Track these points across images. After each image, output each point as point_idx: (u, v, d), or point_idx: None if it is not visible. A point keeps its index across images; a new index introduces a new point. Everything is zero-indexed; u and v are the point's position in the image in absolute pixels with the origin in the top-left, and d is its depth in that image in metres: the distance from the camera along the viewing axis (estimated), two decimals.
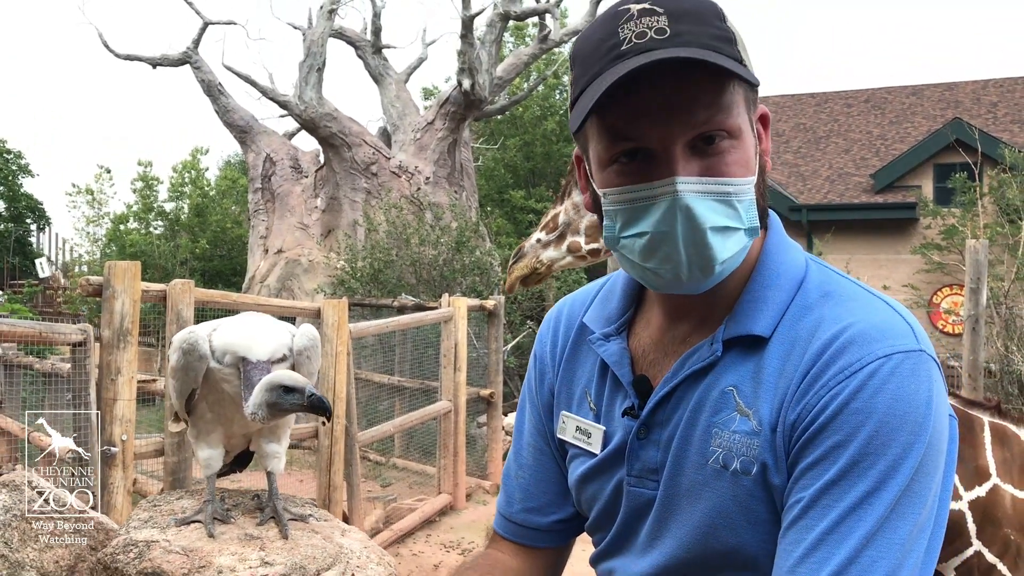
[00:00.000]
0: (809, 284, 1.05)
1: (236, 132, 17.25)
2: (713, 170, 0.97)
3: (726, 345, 1.03)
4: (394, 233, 13.12)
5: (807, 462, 0.93)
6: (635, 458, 1.09)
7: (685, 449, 1.04)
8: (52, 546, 1.99)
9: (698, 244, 0.96)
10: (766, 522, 0.98)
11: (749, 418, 0.99)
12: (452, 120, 15.83)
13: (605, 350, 1.16)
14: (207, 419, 1.90)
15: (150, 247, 22.91)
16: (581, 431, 1.18)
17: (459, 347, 8.45)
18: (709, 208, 0.96)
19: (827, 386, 0.93)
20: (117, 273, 4.94)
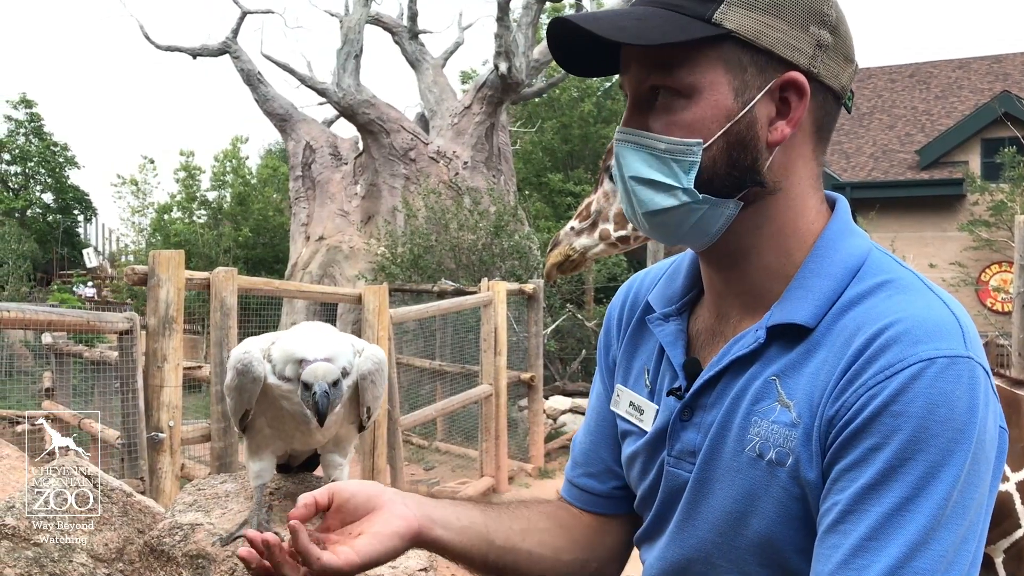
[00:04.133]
0: (865, 274, 1.00)
1: (276, 120, 17.40)
2: (648, 125, 1.01)
3: (770, 333, 1.01)
4: (433, 218, 13.16)
5: (844, 464, 0.91)
6: (676, 439, 1.09)
7: (724, 435, 1.02)
8: (101, 529, 2.04)
9: (627, 191, 1.04)
10: (796, 516, 0.97)
11: (789, 409, 0.97)
12: (489, 104, 15.80)
13: (662, 330, 1.15)
14: (265, 435, 1.87)
15: (194, 236, 23.25)
16: (634, 407, 1.17)
17: (499, 331, 8.47)
18: (638, 159, 1.01)
19: (866, 385, 0.90)
20: (161, 262, 5.02)
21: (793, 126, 1.00)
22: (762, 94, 0.98)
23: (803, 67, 0.99)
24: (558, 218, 18.36)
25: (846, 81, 1.03)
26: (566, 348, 12.98)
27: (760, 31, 0.97)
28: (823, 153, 1.07)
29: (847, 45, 1.02)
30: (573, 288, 13.45)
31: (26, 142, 29.99)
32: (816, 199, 1.06)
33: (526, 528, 1.19)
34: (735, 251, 1.05)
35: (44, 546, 1.94)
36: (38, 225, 28.53)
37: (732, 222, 1.03)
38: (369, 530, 1.01)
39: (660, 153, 1.00)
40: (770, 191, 1.02)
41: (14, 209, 27.41)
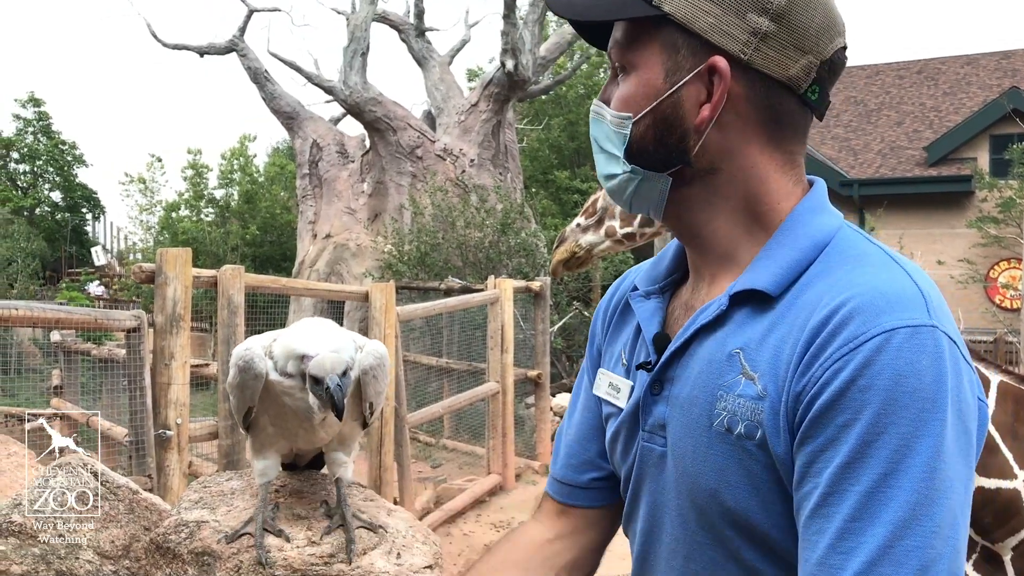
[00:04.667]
0: (832, 249, 1.01)
1: (283, 118, 17.42)
2: (608, 97, 1.09)
3: (733, 300, 1.02)
4: (440, 216, 13.17)
5: (817, 444, 0.90)
6: (648, 413, 1.09)
7: (691, 409, 1.02)
8: (107, 526, 2.05)
9: (595, 157, 1.14)
10: (768, 489, 0.96)
11: (754, 382, 0.96)
12: (496, 101, 15.79)
13: (642, 307, 1.17)
14: (268, 433, 1.87)
15: (201, 234, 23.31)
16: (612, 386, 1.19)
17: (506, 329, 8.47)
18: (597, 128, 1.11)
19: (831, 358, 0.89)
20: (169, 260, 5.03)
21: (713, 110, 1.01)
22: (689, 77, 1.01)
23: (732, 53, 1.00)
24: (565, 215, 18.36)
25: (798, 72, 1.01)
26: (573, 345, 12.98)
27: (694, 15, 1.00)
28: (791, 142, 1.06)
29: (800, 36, 1.00)
30: (580, 285, 13.44)
31: (34, 141, 30.11)
32: (784, 182, 1.06)
33: None
34: (693, 226, 1.09)
35: (51, 543, 1.95)
36: (47, 223, 28.65)
37: (684, 198, 1.07)
38: None
39: (607, 124, 1.08)
40: (707, 171, 1.05)
41: (23, 207, 27.51)
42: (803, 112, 1.05)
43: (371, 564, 1.78)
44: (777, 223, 1.05)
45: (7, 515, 1.97)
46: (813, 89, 1.03)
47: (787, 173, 1.06)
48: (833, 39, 1.02)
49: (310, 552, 1.78)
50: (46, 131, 30.36)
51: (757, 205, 1.05)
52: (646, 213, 1.13)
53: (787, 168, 1.06)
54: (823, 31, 1.01)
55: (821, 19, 1.01)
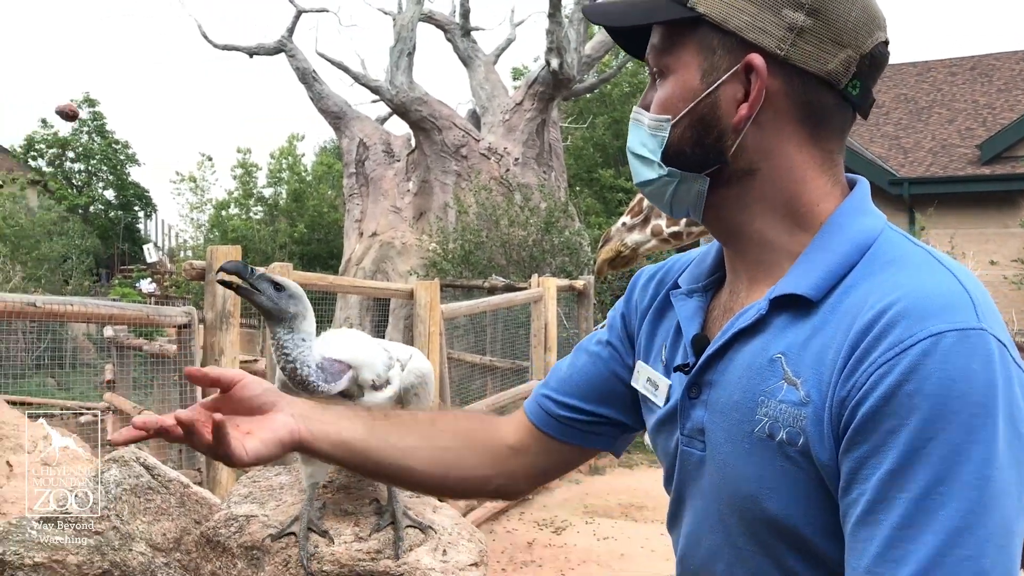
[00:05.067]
0: (876, 252, 0.99)
1: (330, 118, 17.59)
2: (648, 103, 1.09)
3: (773, 305, 1.00)
4: (484, 215, 13.19)
5: (864, 450, 0.88)
6: (686, 417, 1.09)
7: (731, 415, 1.01)
8: (159, 519, 2.10)
9: (631, 163, 1.13)
10: (811, 496, 0.94)
11: (797, 388, 0.95)
12: (541, 100, 15.78)
13: (683, 306, 1.16)
14: None
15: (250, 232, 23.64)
16: (651, 382, 1.18)
17: (549, 327, 8.46)
18: (635, 135, 1.10)
19: (876, 363, 0.87)
20: (219, 257, 5.11)
21: (750, 108, 1.01)
22: (726, 76, 1.01)
23: (769, 50, 0.99)
24: (609, 214, 18.29)
25: (837, 67, 1.00)
26: None
27: (729, 14, 1.00)
28: (830, 140, 1.05)
29: (838, 30, 0.99)
30: (624, 284, 13.36)
31: (89, 140, 30.79)
32: (823, 182, 1.05)
33: (416, 445, 1.24)
34: (732, 227, 1.08)
35: (105, 534, 2.00)
36: (100, 221, 29.27)
37: (722, 199, 1.06)
38: (259, 434, 1.09)
39: (646, 128, 1.08)
40: (745, 171, 1.04)
41: (78, 205, 28.12)
42: (843, 108, 1.03)
43: (417, 561, 1.80)
44: (817, 224, 1.04)
45: (63, 506, 2.02)
46: (854, 84, 1.01)
47: (825, 172, 1.05)
48: (873, 32, 1.01)
49: (357, 548, 1.81)
50: (100, 131, 31.03)
51: (796, 206, 1.04)
52: (686, 215, 1.13)
53: (826, 167, 1.05)
54: (861, 24, 1.00)
55: (859, 12, 1.00)
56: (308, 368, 1.70)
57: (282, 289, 1.69)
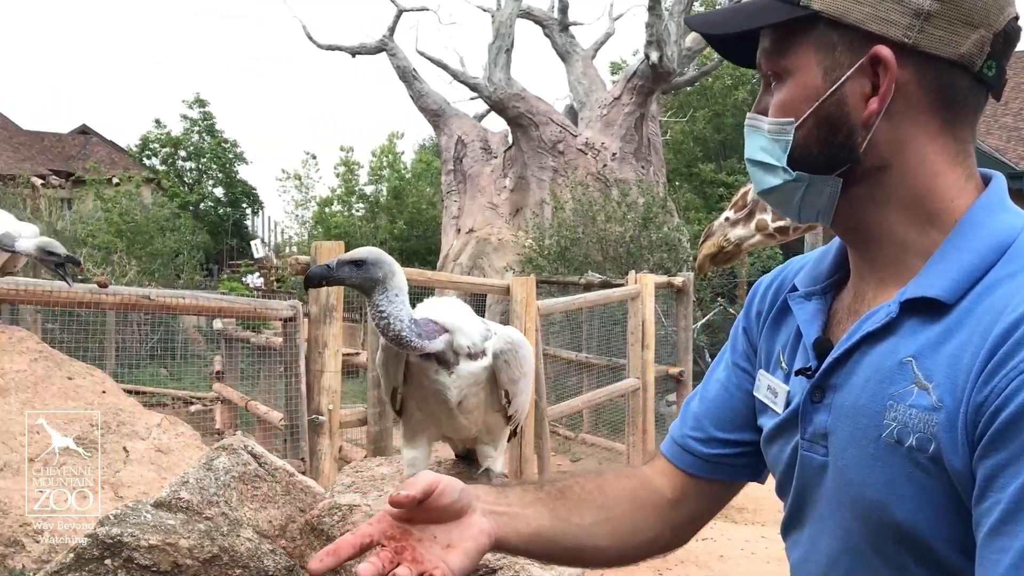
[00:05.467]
0: (1016, 252, 0.94)
1: (429, 116, 17.82)
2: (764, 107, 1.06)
3: (904, 307, 0.96)
4: (580, 211, 13.15)
5: (1000, 458, 0.84)
6: (808, 421, 1.05)
7: (858, 419, 0.98)
8: (266, 507, 2.15)
9: (750, 171, 1.10)
10: (941, 505, 0.91)
11: (928, 392, 0.91)
12: (639, 94, 15.63)
13: (801, 308, 1.13)
14: (416, 418, 1.91)
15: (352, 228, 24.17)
16: (770, 390, 1.16)
17: (647, 325, 8.38)
18: (753, 142, 1.07)
19: (1017, 369, 0.83)
20: (323, 253, 5.23)
21: (881, 102, 0.97)
22: (851, 72, 0.97)
23: (895, 40, 0.95)
24: (709, 210, 17.99)
25: (970, 49, 0.94)
26: (716, 343, 12.70)
27: (847, 8, 0.96)
28: (963, 128, 1.00)
29: (968, 10, 0.94)
30: (724, 281, 13.14)
31: (200, 139, 32.01)
32: (956, 175, 1.00)
33: (596, 520, 1.20)
34: (862, 227, 1.04)
35: (214, 520, 2.06)
36: (210, 218, 30.38)
37: (853, 199, 1.02)
38: (460, 544, 1.04)
39: (766, 134, 1.04)
40: (877, 167, 1.00)
41: (189, 203, 29.26)
42: (976, 91, 0.99)
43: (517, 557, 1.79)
44: (952, 222, 0.99)
45: (176, 491, 2.09)
46: (989, 65, 0.97)
47: (959, 165, 1.00)
48: (1004, 9, 0.96)
49: None
50: (210, 130, 32.21)
51: (930, 202, 1.00)
52: (815, 220, 1.08)
53: (959, 159, 1.00)
54: (991, 1, 0.95)
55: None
56: (401, 323, 1.72)
57: (361, 263, 1.75)
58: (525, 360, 1.90)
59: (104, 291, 4.51)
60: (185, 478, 2.14)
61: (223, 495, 2.11)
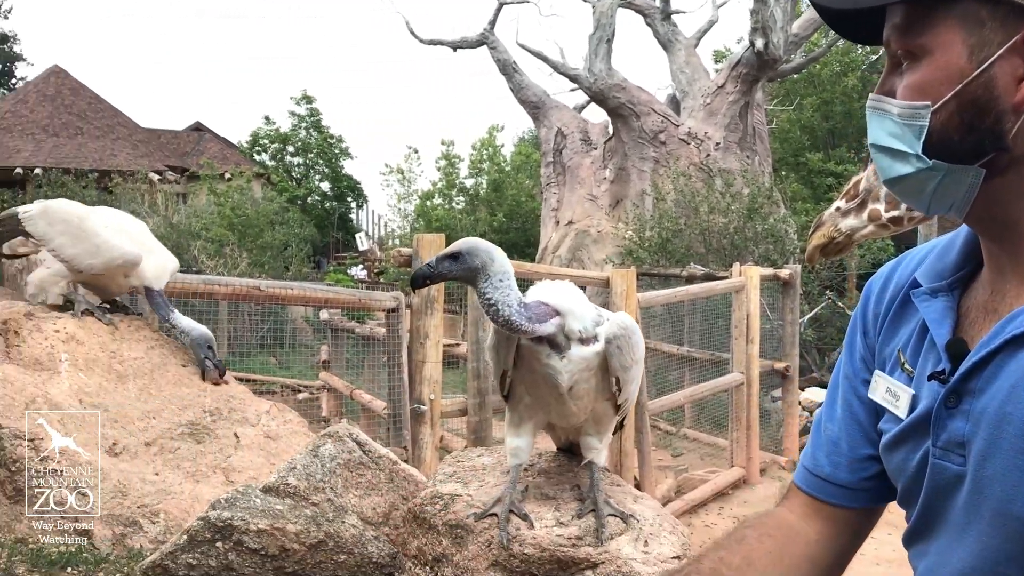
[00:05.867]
0: None
1: (529, 108, 17.84)
2: (893, 90, 0.97)
3: None
4: (683, 202, 12.96)
5: None
6: (941, 428, 0.98)
7: (1001, 427, 0.90)
8: (370, 494, 2.18)
9: (875, 158, 1.01)
10: None
11: None
12: (744, 82, 15.28)
13: (927, 306, 1.05)
14: (525, 403, 1.90)
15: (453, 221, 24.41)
16: (890, 392, 1.08)
17: (751, 318, 8.20)
18: (878, 125, 0.99)
19: None
20: (424, 244, 5.30)
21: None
22: (1002, 51, 0.88)
23: None
24: (817, 200, 17.44)
25: None
26: (824, 337, 12.33)
27: None
28: None
29: None
30: (833, 274, 12.72)
31: (307, 135, 32.88)
32: None
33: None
34: (1004, 220, 0.96)
35: (320, 506, 2.10)
36: (317, 211, 31.18)
37: (996, 190, 0.94)
38: None
39: (895, 118, 0.96)
40: None
41: (297, 197, 30.08)
42: None
43: (618, 550, 1.77)
44: None
45: (284, 477, 2.14)
46: None
47: None
48: None
49: (558, 533, 1.80)
50: (317, 126, 33.05)
51: None
52: (946, 212, 1.00)
53: None
54: None
55: None
56: (509, 308, 1.70)
57: (457, 255, 1.74)
58: (637, 347, 1.86)
59: (217, 282, 4.68)
60: (292, 464, 2.19)
61: (329, 481, 2.15)
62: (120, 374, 3.19)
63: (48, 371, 3.05)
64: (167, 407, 3.18)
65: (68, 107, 27.22)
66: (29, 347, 3.12)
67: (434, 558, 1.90)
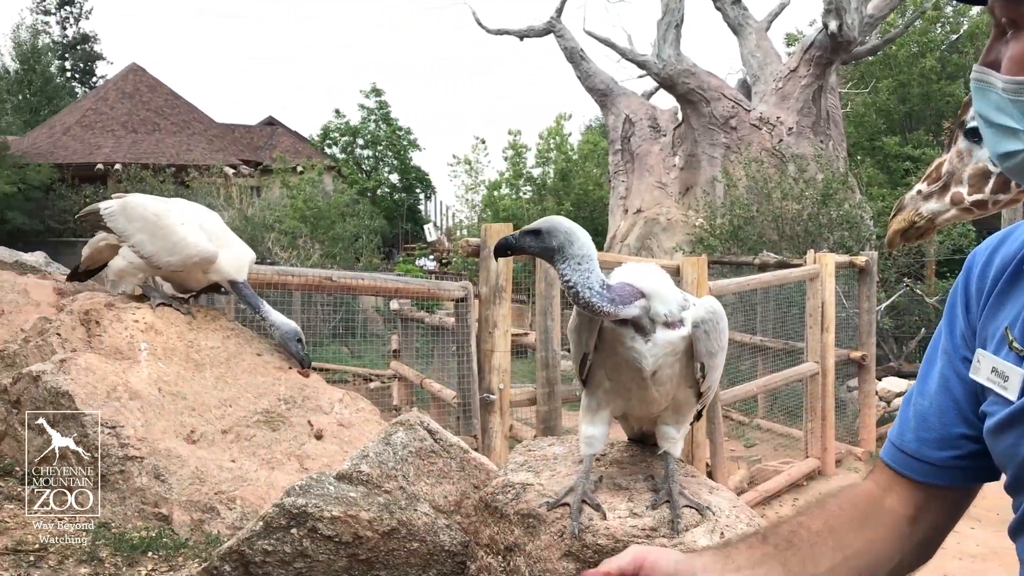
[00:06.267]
0: None
1: (597, 96, 17.71)
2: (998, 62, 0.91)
3: None
4: (754, 188, 12.73)
5: None
6: None
7: None
8: (441, 482, 2.19)
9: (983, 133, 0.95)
10: None
11: None
12: (817, 65, 14.91)
13: None
14: (604, 388, 1.87)
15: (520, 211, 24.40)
16: (997, 373, 1.01)
17: (826, 306, 8.02)
18: (983, 99, 0.92)
19: None
20: (492, 233, 5.30)
21: None
22: None
23: None
24: (894, 185, 16.95)
25: None
26: (902, 326, 11.99)
27: None
28: None
29: None
30: (911, 261, 12.36)
31: (376, 128, 33.26)
32: None
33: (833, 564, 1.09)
34: None
35: (392, 493, 2.11)
36: (386, 203, 31.53)
37: None
38: None
39: (999, 92, 0.90)
40: None
41: (366, 189, 30.46)
42: None
43: (694, 542, 1.73)
44: None
45: (356, 465, 2.16)
46: None
47: None
48: None
49: (631, 524, 1.78)
50: (386, 119, 33.40)
51: None
52: None
53: None
54: None
55: None
56: (589, 290, 1.67)
57: (538, 232, 1.72)
58: (724, 333, 1.82)
59: (290, 272, 4.75)
60: (365, 452, 2.20)
61: (401, 469, 2.16)
62: (197, 363, 3.26)
63: (128, 360, 3.14)
64: (243, 395, 3.24)
65: (146, 104, 28.00)
66: (110, 336, 3.21)
67: (506, 547, 1.90)
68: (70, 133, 26.61)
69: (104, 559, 2.44)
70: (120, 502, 2.75)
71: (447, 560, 2.09)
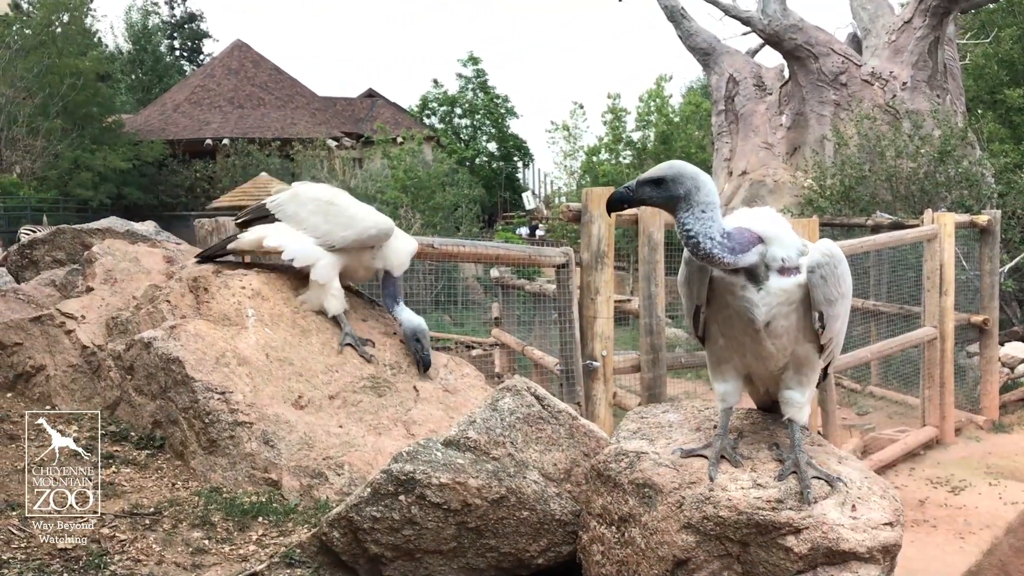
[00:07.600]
0: None
1: (699, 55, 17.26)
2: None
3: None
4: (867, 146, 12.20)
5: None
6: None
7: None
8: (550, 450, 2.13)
9: None
10: None
11: None
12: (933, 16, 14.12)
13: None
14: (720, 345, 1.77)
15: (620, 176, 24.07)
16: None
17: (945, 268, 7.64)
18: None
19: None
20: (593, 198, 5.19)
21: None
22: None
23: None
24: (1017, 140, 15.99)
25: None
26: None
27: None
28: None
29: None
30: None
31: (474, 96, 33.28)
32: None
33: None
34: None
35: (501, 460, 2.07)
36: (484, 172, 31.60)
37: None
38: None
39: None
40: None
41: (465, 158, 30.57)
42: None
43: (823, 515, 1.62)
44: None
45: (464, 431, 2.12)
46: None
47: None
48: None
49: (756, 495, 1.68)
50: (483, 87, 33.38)
51: None
52: None
53: None
54: None
55: None
56: (710, 240, 1.58)
57: (660, 181, 1.62)
58: (844, 278, 1.68)
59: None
60: (472, 418, 2.16)
61: (509, 436, 2.11)
62: (304, 329, 3.28)
63: (236, 326, 3.18)
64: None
65: (251, 79, 28.71)
66: (218, 303, 3.26)
67: (620, 518, 1.83)
68: (180, 110, 27.54)
69: (216, 523, 2.48)
70: (231, 467, 2.79)
71: (558, 530, 2.03)
